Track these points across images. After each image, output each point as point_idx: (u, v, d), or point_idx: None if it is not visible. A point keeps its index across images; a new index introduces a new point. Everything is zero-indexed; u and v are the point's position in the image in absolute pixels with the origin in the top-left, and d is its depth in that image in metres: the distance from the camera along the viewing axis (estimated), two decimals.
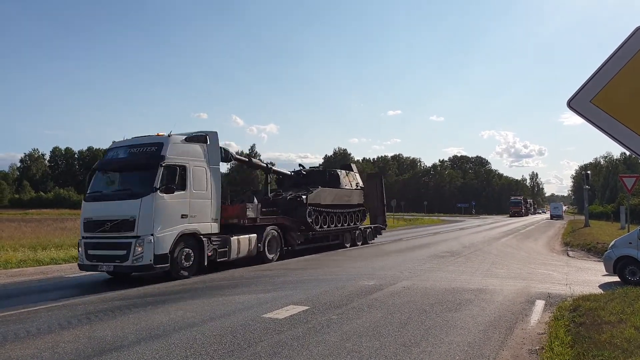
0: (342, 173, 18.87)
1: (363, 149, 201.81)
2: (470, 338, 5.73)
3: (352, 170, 20.26)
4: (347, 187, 18.59)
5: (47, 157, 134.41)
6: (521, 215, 76.32)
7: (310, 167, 20.00)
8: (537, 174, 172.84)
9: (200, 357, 4.98)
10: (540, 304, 7.79)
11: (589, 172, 42.06)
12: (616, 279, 10.38)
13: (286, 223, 14.87)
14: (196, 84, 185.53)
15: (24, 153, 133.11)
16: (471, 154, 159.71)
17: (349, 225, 18.50)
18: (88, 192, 11.41)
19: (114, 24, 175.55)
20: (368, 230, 20.81)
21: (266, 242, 13.71)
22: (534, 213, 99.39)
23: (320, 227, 16.38)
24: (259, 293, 8.75)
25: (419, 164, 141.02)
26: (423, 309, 7.31)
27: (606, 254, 10.90)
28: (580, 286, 9.77)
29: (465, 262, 14.03)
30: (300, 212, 15.37)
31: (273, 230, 14.14)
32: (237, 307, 7.47)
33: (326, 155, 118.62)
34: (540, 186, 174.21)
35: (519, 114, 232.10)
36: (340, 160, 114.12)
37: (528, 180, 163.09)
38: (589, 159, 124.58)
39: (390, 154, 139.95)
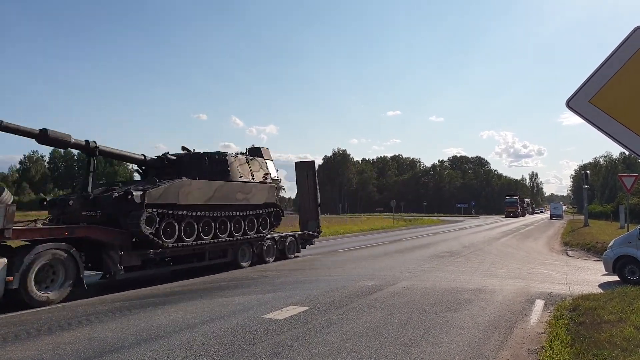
0: (234, 159, 12.93)
1: (363, 149, 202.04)
2: (470, 338, 5.74)
3: (261, 156, 14.44)
4: (241, 180, 12.73)
5: (47, 159, 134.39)
6: (517, 216, 71.69)
7: (193, 151, 13.07)
8: (536, 174, 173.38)
9: (201, 358, 4.98)
10: (540, 304, 7.80)
11: (588, 171, 42.11)
12: (615, 278, 10.40)
13: (97, 236, 9.39)
14: (195, 84, 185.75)
15: (24, 155, 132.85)
16: (470, 154, 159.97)
17: (245, 235, 12.75)
18: None
19: (114, 24, 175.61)
20: (289, 240, 15.15)
21: (32, 271, 7.93)
22: (532, 213, 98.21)
23: (177, 241, 10.68)
24: (258, 294, 8.76)
25: (418, 164, 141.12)
26: (423, 309, 7.32)
27: (605, 253, 10.92)
28: (579, 286, 9.79)
29: (465, 262, 14.05)
30: (133, 218, 9.72)
31: (57, 252, 8.38)
32: (237, 307, 7.48)
33: (325, 156, 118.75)
34: (540, 186, 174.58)
35: (519, 114, 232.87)
36: (340, 161, 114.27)
37: (527, 180, 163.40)
38: (588, 159, 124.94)
39: (389, 155, 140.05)
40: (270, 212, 13.81)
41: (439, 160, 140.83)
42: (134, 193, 9.66)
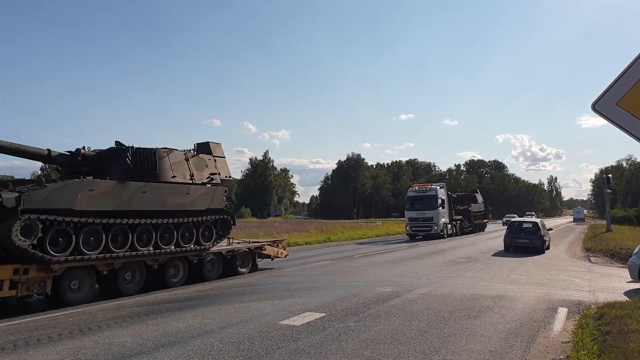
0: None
1: (376, 153, 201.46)
2: (491, 346, 5.62)
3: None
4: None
5: None
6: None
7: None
8: (555, 178, 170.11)
9: None
10: (562, 312, 7.60)
11: (610, 175, 41.12)
12: None
13: None
14: (207, 90, 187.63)
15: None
16: (486, 158, 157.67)
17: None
18: None
19: (126, 31, 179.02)
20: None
21: None
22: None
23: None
24: (274, 299, 8.74)
25: (433, 168, 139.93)
26: (442, 316, 7.21)
27: (631, 259, 10.61)
28: (604, 293, 9.53)
29: (484, 269, 13.81)
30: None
31: None
32: (254, 313, 7.47)
33: (340, 161, 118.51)
34: (559, 190, 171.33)
35: (535, 117, 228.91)
36: (353, 165, 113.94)
37: (546, 184, 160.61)
38: (609, 162, 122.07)
39: (404, 159, 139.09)
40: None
41: (454, 165, 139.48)
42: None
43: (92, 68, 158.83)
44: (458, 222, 33.26)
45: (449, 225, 31.11)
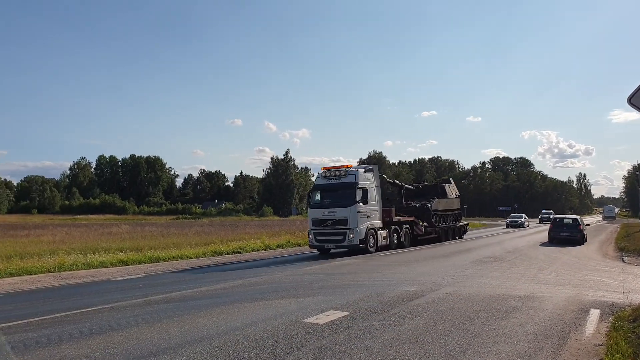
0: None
1: (398, 151, 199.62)
2: (519, 348, 5.48)
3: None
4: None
5: (94, 165, 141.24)
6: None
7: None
8: (584, 175, 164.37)
9: None
10: (595, 313, 7.36)
11: None
12: None
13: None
14: (230, 90, 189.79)
15: (73, 161, 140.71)
16: (512, 155, 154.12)
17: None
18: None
19: (148, 34, 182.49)
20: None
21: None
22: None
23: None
24: (298, 297, 8.76)
25: (457, 166, 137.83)
26: (467, 316, 7.08)
27: None
28: (639, 294, 9.18)
29: (510, 268, 13.52)
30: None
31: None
32: (278, 311, 7.50)
33: (361, 159, 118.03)
34: (588, 188, 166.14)
35: (563, 113, 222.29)
36: (375, 163, 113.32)
37: (575, 182, 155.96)
38: None
39: (427, 157, 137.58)
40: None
41: (479, 162, 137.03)
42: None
43: (113, 69, 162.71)
44: (408, 225, 21.81)
45: (383, 232, 19.39)
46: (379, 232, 19.02)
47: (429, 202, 24.56)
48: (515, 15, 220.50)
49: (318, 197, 18.99)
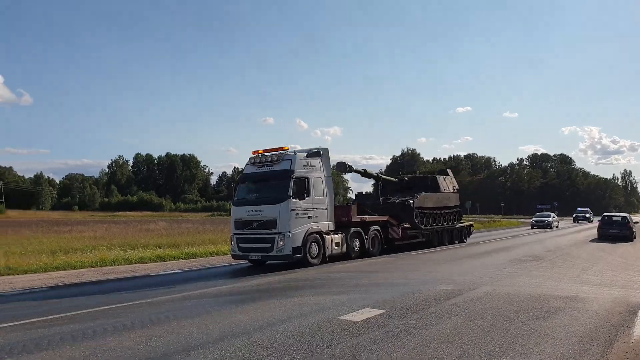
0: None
1: (432, 148, 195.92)
2: (563, 349, 5.28)
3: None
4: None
5: (131, 163, 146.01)
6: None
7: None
8: (630, 172, 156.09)
9: (282, 356, 5.06)
10: None
11: None
12: None
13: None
14: (261, 88, 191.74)
15: (111, 159, 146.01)
16: (551, 151, 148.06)
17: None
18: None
19: (188, 35, 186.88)
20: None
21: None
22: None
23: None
24: (333, 294, 8.77)
25: (493, 163, 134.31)
26: (507, 315, 6.89)
27: None
28: None
29: (551, 267, 13.05)
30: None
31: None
32: (313, 308, 7.54)
33: (394, 156, 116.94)
34: (634, 185, 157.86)
35: (605, 107, 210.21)
36: (408, 161, 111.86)
37: (619, 179, 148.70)
38: None
39: (462, 154, 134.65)
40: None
41: (517, 159, 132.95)
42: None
43: (149, 68, 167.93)
44: (378, 227, 16.57)
45: (336, 237, 14.37)
46: (327, 237, 13.93)
47: (412, 197, 19.04)
48: (551, 8, 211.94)
49: (244, 190, 14.32)
